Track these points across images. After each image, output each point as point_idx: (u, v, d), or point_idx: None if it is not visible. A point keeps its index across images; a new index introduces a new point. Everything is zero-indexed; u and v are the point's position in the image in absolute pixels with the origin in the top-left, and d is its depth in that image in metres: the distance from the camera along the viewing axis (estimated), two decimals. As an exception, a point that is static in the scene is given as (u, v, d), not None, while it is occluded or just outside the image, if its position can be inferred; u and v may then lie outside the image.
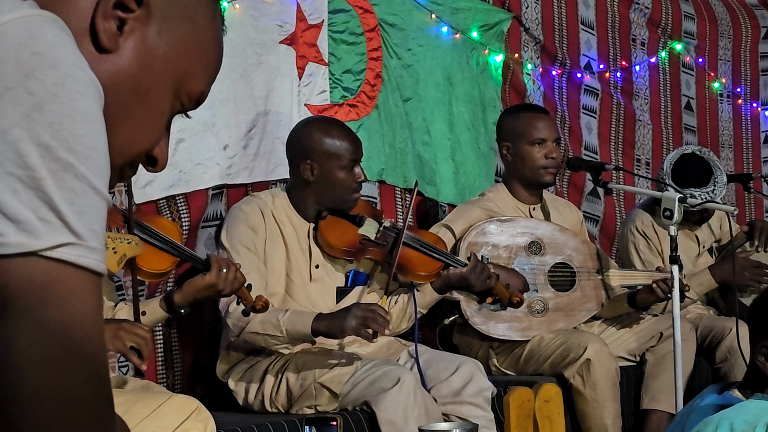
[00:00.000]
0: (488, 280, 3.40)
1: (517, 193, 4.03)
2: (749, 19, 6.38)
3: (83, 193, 0.77)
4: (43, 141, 0.76)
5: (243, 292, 2.91)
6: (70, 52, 0.79)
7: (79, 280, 0.77)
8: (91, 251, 0.78)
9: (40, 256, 0.76)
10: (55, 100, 0.76)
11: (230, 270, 2.83)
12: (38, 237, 0.75)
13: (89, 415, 0.77)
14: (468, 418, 3.12)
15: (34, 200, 0.75)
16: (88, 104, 0.79)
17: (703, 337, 4.25)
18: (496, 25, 4.74)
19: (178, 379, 3.49)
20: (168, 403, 2.28)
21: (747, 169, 6.20)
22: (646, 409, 3.94)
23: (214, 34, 0.98)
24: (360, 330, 3.03)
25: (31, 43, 0.77)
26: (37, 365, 0.75)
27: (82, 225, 0.77)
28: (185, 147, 3.44)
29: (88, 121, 0.78)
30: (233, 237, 3.24)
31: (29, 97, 0.76)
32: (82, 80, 0.79)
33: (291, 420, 2.97)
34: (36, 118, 0.76)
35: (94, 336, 0.78)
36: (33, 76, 0.76)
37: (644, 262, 4.41)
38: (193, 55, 0.95)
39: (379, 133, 4.13)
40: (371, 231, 3.34)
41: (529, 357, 3.85)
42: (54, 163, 0.76)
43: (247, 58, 3.67)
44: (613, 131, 5.42)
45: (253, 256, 3.23)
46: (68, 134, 0.77)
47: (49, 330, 0.75)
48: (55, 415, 0.76)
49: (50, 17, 0.81)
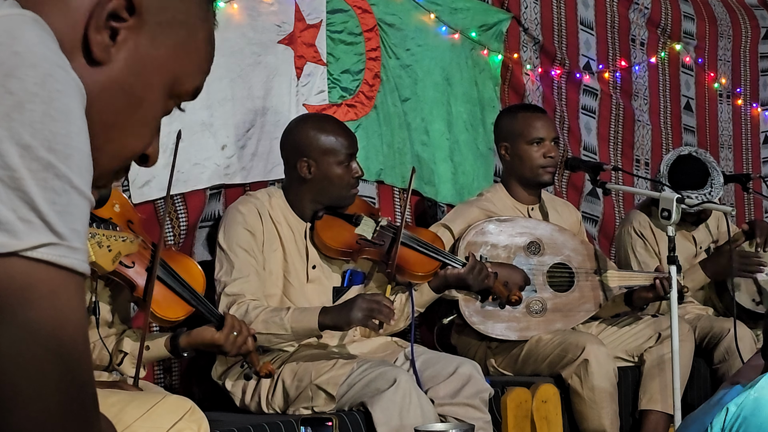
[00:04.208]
0: (486, 279, 3.40)
1: (516, 193, 4.02)
2: (749, 19, 6.37)
3: (64, 192, 0.77)
4: (23, 141, 0.75)
5: (252, 358, 2.88)
6: (50, 52, 0.79)
7: (61, 280, 0.77)
8: (72, 251, 0.77)
9: (21, 257, 0.75)
10: (35, 100, 0.76)
11: (241, 334, 2.80)
12: (19, 237, 0.75)
13: (73, 415, 0.77)
14: (465, 419, 3.12)
15: (15, 200, 0.75)
16: (69, 103, 0.78)
17: (701, 337, 4.25)
18: (495, 25, 4.73)
19: (175, 379, 3.49)
20: (162, 403, 2.28)
21: (746, 169, 6.19)
22: (644, 410, 3.94)
23: (206, 34, 0.98)
24: (366, 321, 3.03)
25: (10, 43, 0.77)
26: (19, 366, 0.75)
27: (63, 225, 0.77)
28: (183, 147, 3.42)
29: (69, 121, 0.78)
30: (231, 239, 3.24)
31: (9, 96, 0.76)
32: (63, 79, 0.79)
33: (287, 421, 2.96)
34: (16, 117, 0.75)
35: (77, 336, 0.78)
36: (13, 76, 0.76)
37: (641, 263, 4.41)
38: (186, 58, 0.95)
39: (377, 133, 4.13)
40: (368, 230, 3.34)
41: (527, 357, 3.84)
42: (34, 163, 0.75)
43: (245, 57, 3.67)
44: (612, 131, 5.41)
45: (251, 259, 3.22)
46: (48, 133, 0.76)
47: (30, 331, 0.75)
48: (38, 416, 0.76)
49: (31, 17, 0.80)
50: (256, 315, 3.10)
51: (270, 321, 3.10)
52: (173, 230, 3.44)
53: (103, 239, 2.44)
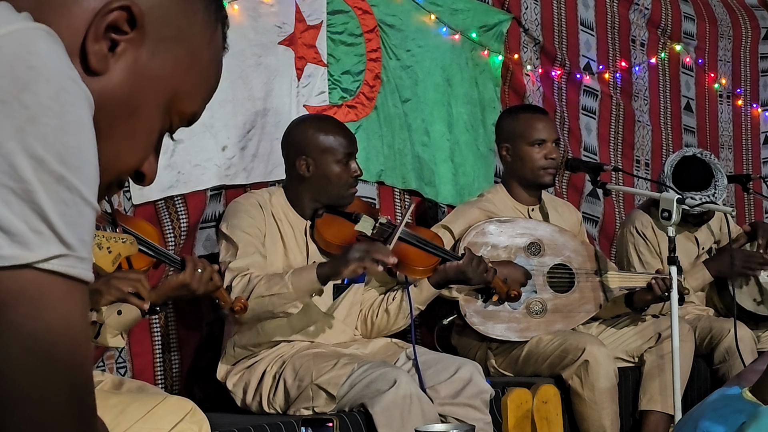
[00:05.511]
0: (485, 273, 3.41)
1: (516, 193, 4.03)
2: (749, 20, 6.37)
3: (74, 204, 0.79)
4: (36, 154, 0.77)
5: (220, 294, 2.91)
6: (64, 65, 0.81)
7: (69, 289, 0.79)
8: (80, 261, 0.79)
9: (33, 268, 0.77)
10: (48, 113, 0.78)
11: (206, 271, 2.81)
12: (31, 249, 0.77)
13: (74, 419, 0.79)
14: (466, 420, 3.12)
15: (27, 212, 0.77)
16: (81, 116, 0.80)
17: (701, 338, 4.25)
18: (495, 26, 4.74)
19: (176, 380, 3.49)
20: (163, 404, 2.28)
21: (747, 170, 6.19)
22: (644, 410, 3.94)
23: (211, 56, 0.98)
24: (363, 260, 3.04)
25: (27, 57, 0.79)
26: (26, 373, 0.77)
27: (72, 236, 0.78)
28: (183, 148, 3.44)
29: (80, 134, 0.80)
30: (233, 225, 3.26)
31: (23, 110, 0.77)
32: (75, 92, 0.80)
33: (288, 421, 2.97)
34: (30, 131, 0.77)
35: (82, 342, 0.80)
36: (28, 90, 0.78)
37: (643, 263, 4.41)
38: (186, 76, 0.95)
39: (377, 134, 4.14)
40: (368, 227, 3.35)
41: (527, 358, 3.85)
42: (47, 176, 0.77)
43: (245, 59, 3.67)
44: (612, 132, 5.41)
45: (254, 240, 3.24)
46: (61, 147, 0.78)
47: (38, 338, 0.77)
48: (43, 419, 0.78)
49: (45, 30, 0.82)
50: (257, 281, 3.11)
51: (272, 282, 3.10)
52: (174, 231, 3.45)
53: (103, 241, 2.45)
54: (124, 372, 3.28)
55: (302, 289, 3.12)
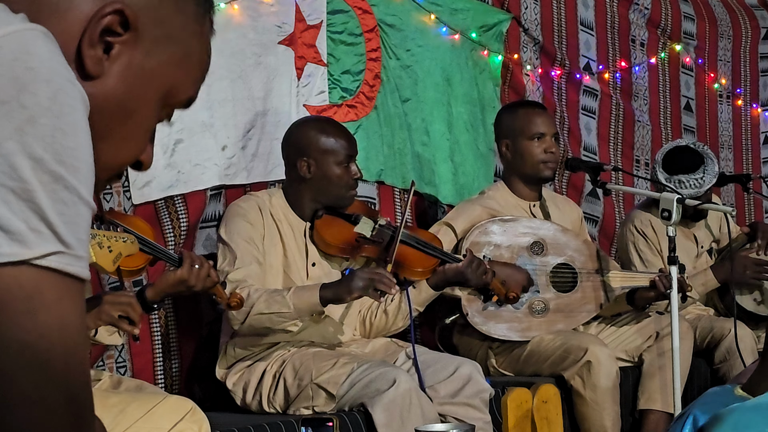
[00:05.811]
0: (484, 275, 3.43)
1: (517, 189, 4.03)
2: (749, 19, 6.37)
3: (72, 203, 0.80)
4: (35, 154, 0.78)
5: (217, 290, 2.91)
6: (61, 66, 0.82)
7: (66, 287, 0.80)
8: (77, 259, 0.80)
9: (30, 265, 0.78)
10: (47, 114, 0.79)
11: (203, 267, 2.82)
12: (29, 246, 0.78)
13: (71, 417, 0.80)
14: (465, 419, 3.13)
15: (26, 211, 0.78)
16: (78, 117, 0.81)
17: (702, 337, 4.25)
18: (495, 25, 4.73)
19: (176, 379, 3.49)
20: (162, 404, 2.28)
21: (746, 169, 6.18)
22: (644, 410, 3.94)
23: (201, 46, 0.99)
24: (367, 290, 3.06)
25: (25, 59, 0.80)
26: (23, 371, 0.77)
27: (70, 234, 0.79)
28: (183, 148, 3.44)
29: (78, 134, 0.81)
30: (232, 231, 3.26)
31: (23, 110, 0.78)
32: (72, 93, 0.81)
33: (288, 421, 2.97)
34: (29, 131, 0.78)
35: (79, 340, 0.81)
36: (27, 91, 0.79)
37: (644, 261, 4.40)
38: (181, 71, 0.97)
39: (377, 134, 4.14)
40: (367, 229, 3.37)
41: (529, 358, 3.85)
42: (46, 176, 0.78)
43: (245, 58, 3.67)
44: (612, 132, 5.41)
45: (252, 248, 3.25)
46: (59, 147, 0.79)
47: (36, 335, 0.78)
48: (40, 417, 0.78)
49: (42, 31, 0.83)
50: (258, 296, 3.12)
51: (272, 300, 3.11)
52: (174, 231, 3.45)
53: (104, 240, 2.45)
54: (124, 371, 3.28)
55: (303, 310, 3.14)
